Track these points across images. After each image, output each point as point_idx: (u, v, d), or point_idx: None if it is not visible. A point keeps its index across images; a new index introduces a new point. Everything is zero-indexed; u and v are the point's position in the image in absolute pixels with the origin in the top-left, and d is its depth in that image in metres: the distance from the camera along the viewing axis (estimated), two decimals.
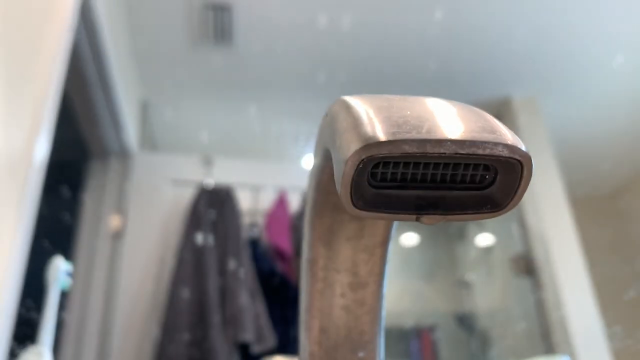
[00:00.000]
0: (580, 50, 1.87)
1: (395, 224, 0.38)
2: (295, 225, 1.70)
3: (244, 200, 1.75)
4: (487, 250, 2.14)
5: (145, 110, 2.02)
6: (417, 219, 0.26)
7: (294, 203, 1.78)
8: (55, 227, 1.46)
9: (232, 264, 1.54)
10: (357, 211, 0.25)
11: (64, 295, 0.71)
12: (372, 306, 0.39)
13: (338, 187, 0.25)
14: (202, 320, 1.44)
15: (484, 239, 2.16)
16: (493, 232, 2.12)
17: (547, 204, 1.85)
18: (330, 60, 1.81)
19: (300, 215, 1.72)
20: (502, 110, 2.02)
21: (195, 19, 1.71)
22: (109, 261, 1.64)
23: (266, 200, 1.78)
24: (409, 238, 2.30)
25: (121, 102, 1.65)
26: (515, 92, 2.01)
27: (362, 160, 0.24)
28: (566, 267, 1.74)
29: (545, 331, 1.73)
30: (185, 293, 1.49)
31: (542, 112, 2.01)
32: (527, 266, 1.81)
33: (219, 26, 1.72)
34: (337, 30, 1.69)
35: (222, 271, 1.54)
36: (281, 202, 1.75)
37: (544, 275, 1.76)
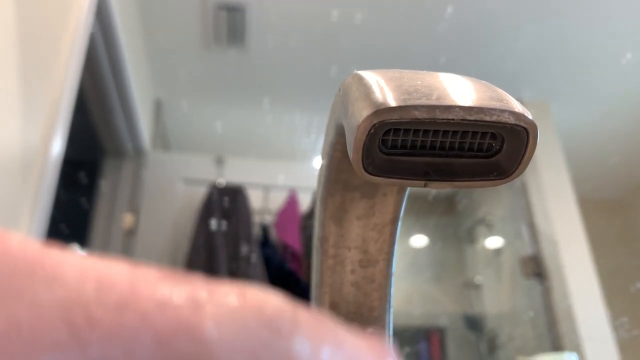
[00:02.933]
0: (589, 52, 1.87)
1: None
2: (305, 225, 1.71)
3: (255, 200, 1.77)
4: (496, 252, 2.14)
5: (158, 110, 2.04)
6: (426, 185, 0.27)
7: (304, 203, 1.79)
8: (71, 220, 1.48)
9: (242, 255, 1.57)
10: (368, 176, 0.26)
11: None
12: (382, 283, 0.40)
13: (350, 152, 0.26)
14: None
15: (493, 240, 2.16)
16: (502, 234, 2.12)
17: (556, 206, 1.85)
18: (342, 54, 1.83)
19: (310, 215, 1.73)
20: None
21: (209, 20, 1.73)
22: (121, 257, 1.66)
23: (276, 200, 1.80)
24: (419, 239, 2.30)
25: (135, 101, 1.68)
26: (525, 94, 2.01)
27: (374, 125, 0.25)
28: (574, 266, 1.74)
29: (554, 330, 1.72)
30: None
31: (551, 114, 2.01)
32: (535, 267, 1.81)
33: (232, 26, 1.74)
34: (348, 25, 1.71)
35: (234, 260, 1.57)
36: (292, 200, 1.77)
37: (553, 275, 1.76)
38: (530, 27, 1.78)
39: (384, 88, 0.26)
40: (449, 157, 0.27)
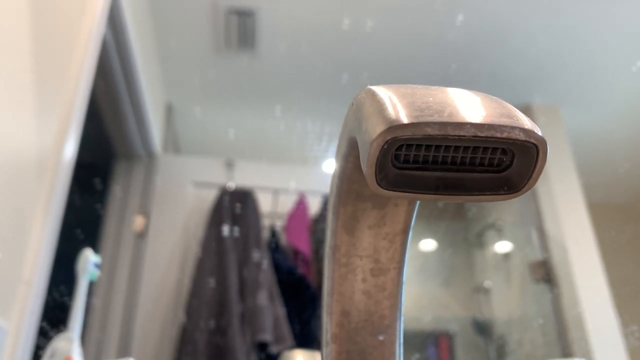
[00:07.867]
0: (600, 58, 1.86)
1: (415, 221, 0.39)
2: (315, 229, 1.72)
3: (264, 203, 1.78)
4: (506, 256, 2.13)
5: (169, 113, 2.06)
6: (437, 199, 0.28)
7: (314, 207, 1.79)
8: (83, 222, 1.49)
9: (252, 259, 1.58)
10: (381, 190, 0.27)
11: (92, 284, 0.74)
12: (392, 292, 0.41)
13: (364, 167, 0.27)
14: (224, 309, 1.49)
15: (502, 245, 2.15)
16: (512, 239, 2.11)
17: (566, 210, 1.84)
18: (353, 62, 1.84)
19: (319, 219, 1.73)
20: None
21: (220, 24, 1.74)
22: (132, 260, 1.67)
23: (286, 204, 1.80)
24: (428, 244, 2.30)
25: (147, 104, 1.69)
26: (535, 98, 2.01)
27: (387, 141, 0.25)
28: (584, 272, 1.73)
29: (563, 336, 1.72)
30: (209, 283, 1.54)
31: (561, 118, 2.01)
32: (545, 273, 1.80)
33: (242, 31, 1.75)
34: (359, 33, 1.71)
35: (243, 264, 1.58)
36: (301, 204, 1.77)
37: (562, 281, 1.75)
38: (540, 33, 1.78)
39: (397, 105, 0.26)
40: (460, 172, 0.27)
